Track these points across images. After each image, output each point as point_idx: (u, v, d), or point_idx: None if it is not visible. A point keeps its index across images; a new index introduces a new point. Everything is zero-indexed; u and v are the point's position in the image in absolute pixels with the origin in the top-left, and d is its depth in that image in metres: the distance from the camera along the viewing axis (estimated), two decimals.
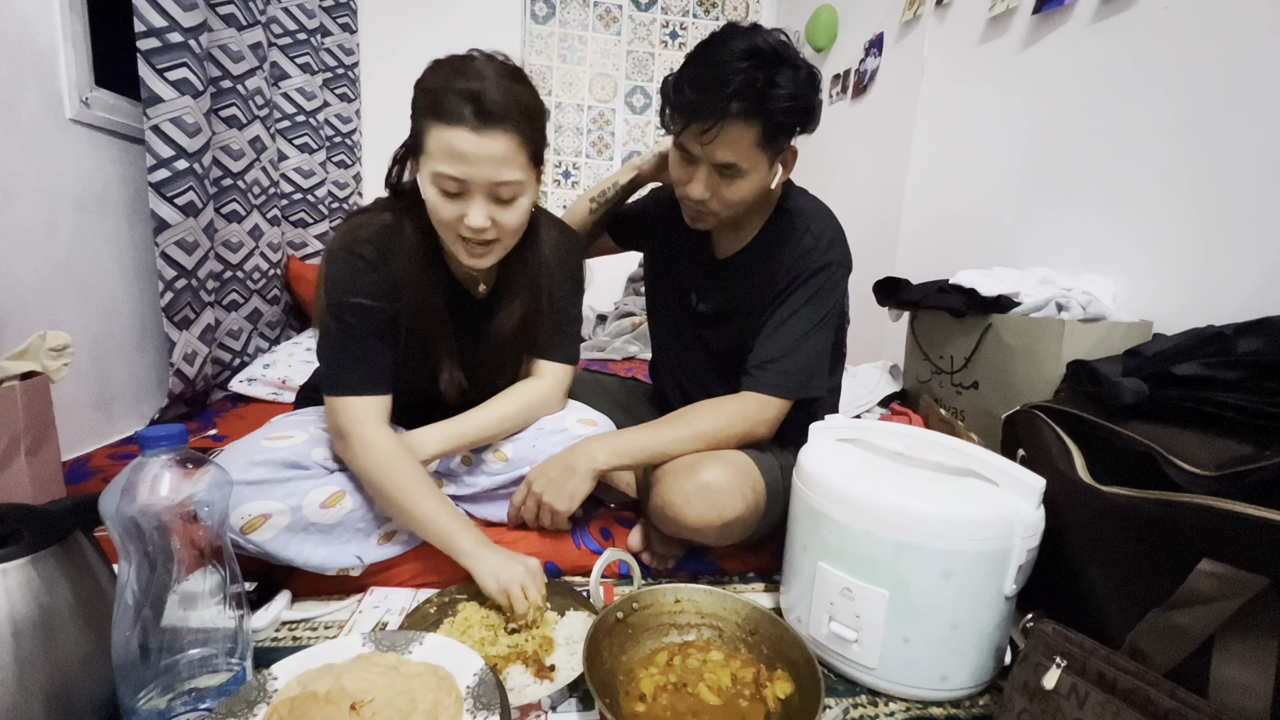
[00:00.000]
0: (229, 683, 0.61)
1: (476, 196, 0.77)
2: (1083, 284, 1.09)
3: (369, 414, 0.84)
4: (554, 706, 0.67)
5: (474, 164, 0.75)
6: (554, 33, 2.87)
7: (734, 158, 0.85)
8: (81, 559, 0.58)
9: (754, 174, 0.88)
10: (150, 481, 0.56)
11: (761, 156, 0.87)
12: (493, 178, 0.76)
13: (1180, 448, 0.65)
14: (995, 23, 1.46)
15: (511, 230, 0.82)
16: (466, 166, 0.75)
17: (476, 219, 0.77)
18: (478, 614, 0.77)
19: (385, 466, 0.82)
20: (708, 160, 0.87)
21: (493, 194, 0.78)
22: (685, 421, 0.94)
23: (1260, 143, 0.90)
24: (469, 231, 0.79)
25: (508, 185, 0.77)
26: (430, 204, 0.79)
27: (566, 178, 3.05)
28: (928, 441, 0.78)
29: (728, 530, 0.87)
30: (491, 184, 0.76)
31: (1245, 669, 0.53)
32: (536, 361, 1.00)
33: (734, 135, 0.84)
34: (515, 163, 0.77)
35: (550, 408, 0.99)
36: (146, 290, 1.50)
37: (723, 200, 0.90)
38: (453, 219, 0.79)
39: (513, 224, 0.81)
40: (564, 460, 0.91)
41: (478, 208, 0.77)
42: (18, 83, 1.16)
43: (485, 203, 0.78)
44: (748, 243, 1.01)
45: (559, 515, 0.92)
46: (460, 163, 0.75)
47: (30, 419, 0.92)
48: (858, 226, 2.01)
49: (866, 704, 0.72)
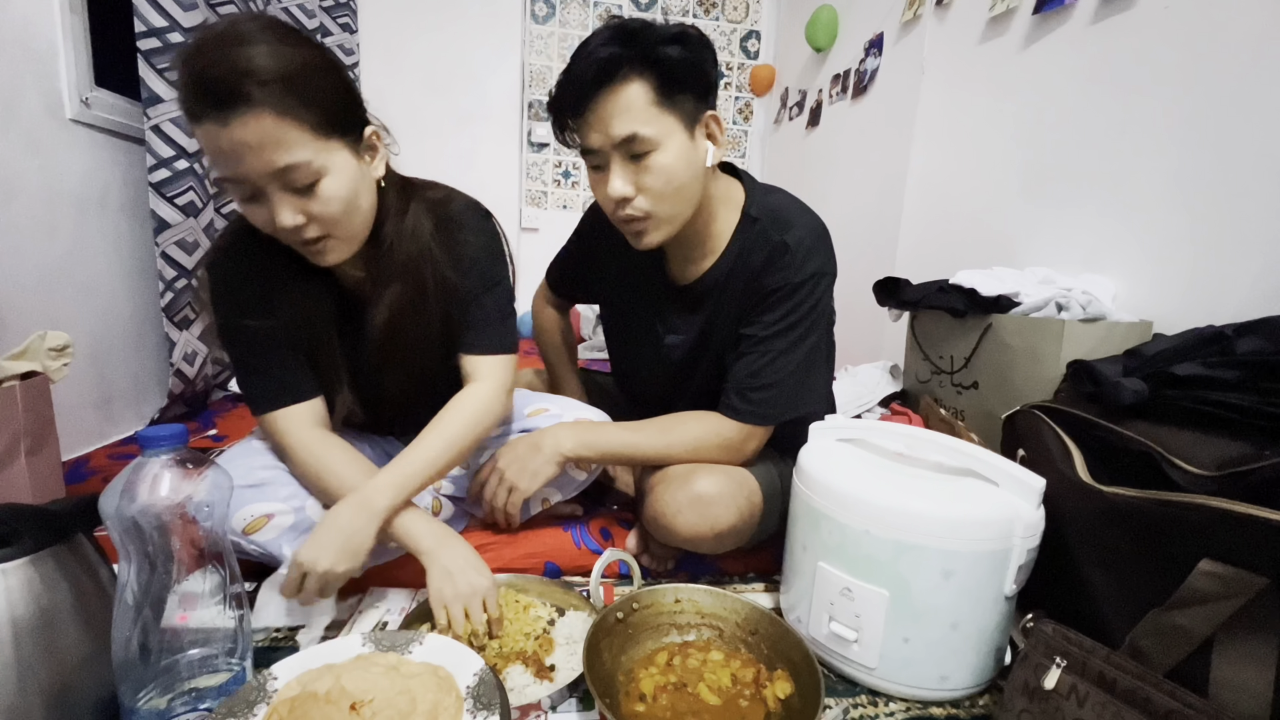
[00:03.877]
0: (229, 683, 0.61)
1: (270, 193, 0.65)
2: (1083, 284, 1.09)
3: (300, 421, 0.79)
4: (554, 706, 0.67)
5: (237, 158, 0.62)
6: (554, 33, 2.87)
7: (633, 125, 0.74)
8: (81, 559, 0.58)
9: (669, 144, 0.76)
10: (150, 481, 0.56)
11: (669, 119, 0.76)
12: (266, 167, 0.63)
13: (1180, 448, 0.65)
14: (995, 23, 1.46)
15: (333, 219, 0.69)
16: (231, 164, 0.63)
17: (285, 218, 0.66)
18: None
19: (322, 464, 0.78)
20: (610, 145, 0.76)
21: (284, 185, 0.65)
22: (662, 430, 0.91)
23: (1260, 143, 0.90)
24: (285, 234, 0.68)
25: (292, 170, 0.64)
26: (243, 214, 0.70)
27: (566, 178, 3.05)
28: (928, 441, 0.78)
29: (721, 541, 0.87)
30: (271, 174, 0.64)
31: (1245, 669, 0.53)
32: (467, 360, 0.86)
33: (622, 100, 0.74)
34: (288, 143, 0.63)
35: (494, 409, 0.85)
36: (146, 290, 1.50)
37: (649, 191, 0.78)
38: (265, 224, 0.68)
39: (329, 212, 0.68)
40: (532, 440, 0.89)
41: (279, 205, 0.66)
42: (18, 83, 1.16)
43: (285, 197, 0.66)
44: (714, 263, 0.90)
45: (517, 493, 0.88)
46: (224, 162, 0.63)
47: (30, 419, 0.92)
48: (858, 226, 2.03)
49: (866, 704, 0.72)
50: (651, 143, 0.76)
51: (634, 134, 0.75)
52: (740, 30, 3.01)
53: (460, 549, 0.76)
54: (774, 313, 0.86)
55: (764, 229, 0.87)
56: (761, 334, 0.87)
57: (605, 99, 0.75)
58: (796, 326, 0.86)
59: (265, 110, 0.61)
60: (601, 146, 0.77)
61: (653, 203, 0.79)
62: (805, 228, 0.86)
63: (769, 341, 0.86)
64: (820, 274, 0.86)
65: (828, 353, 0.97)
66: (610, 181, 0.78)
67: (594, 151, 0.79)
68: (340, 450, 0.80)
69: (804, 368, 0.88)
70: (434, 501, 0.94)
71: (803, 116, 2.55)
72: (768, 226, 0.87)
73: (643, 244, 0.84)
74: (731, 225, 0.90)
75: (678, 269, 0.95)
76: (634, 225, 0.82)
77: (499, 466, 0.90)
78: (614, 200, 0.80)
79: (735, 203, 0.90)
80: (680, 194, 0.80)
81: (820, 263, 0.86)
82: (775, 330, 0.86)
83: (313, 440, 0.80)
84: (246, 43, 0.61)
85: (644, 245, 0.84)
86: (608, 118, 0.75)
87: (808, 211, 0.89)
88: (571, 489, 0.99)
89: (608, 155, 0.78)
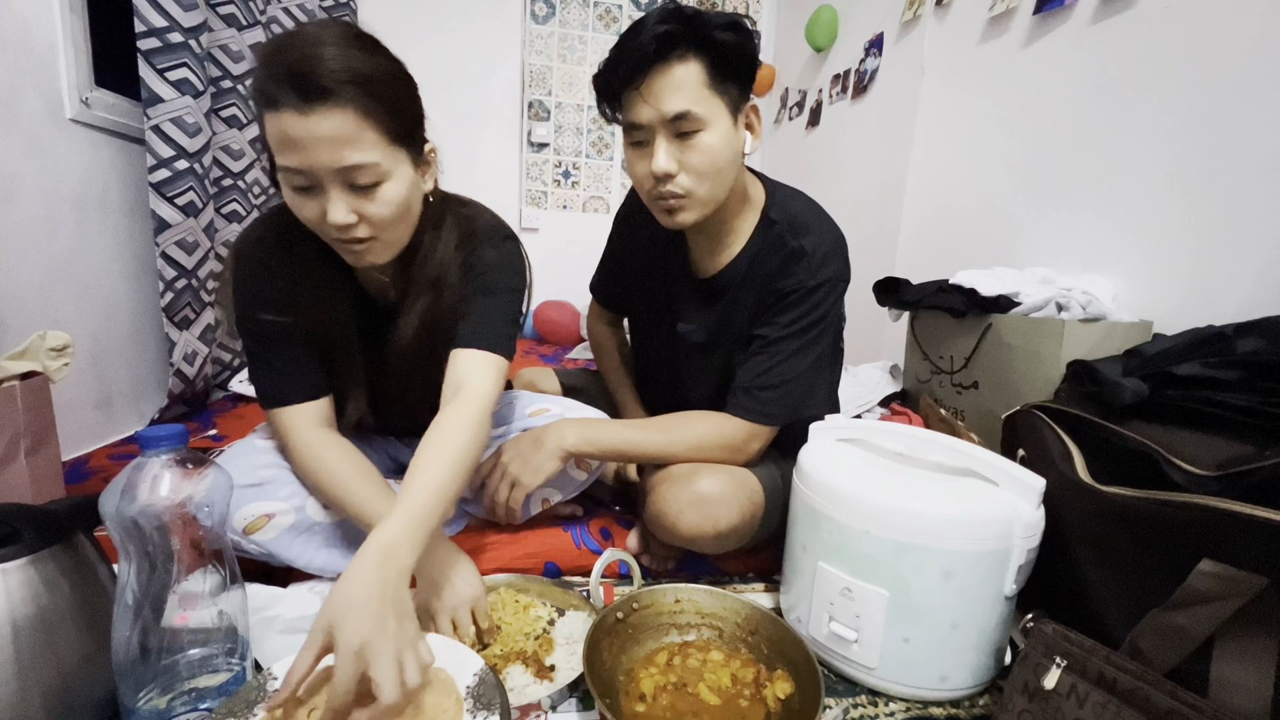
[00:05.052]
0: (229, 683, 0.61)
1: (330, 188, 0.66)
2: (1083, 284, 1.09)
3: (305, 419, 0.80)
4: (554, 706, 0.67)
5: (308, 149, 0.63)
6: (554, 33, 2.87)
7: (686, 103, 0.77)
8: (81, 559, 0.58)
9: (716, 126, 0.79)
10: (150, 481, 0.56)
11: (717, 102, 0.78)
12: (336, 163, 0.64)
13: (1180, 448, 0.65)
14: (995, 23, 1.46)
15: (385, 223, 0.70)
16: (301, 154, 0.64)
17: (336, 214, 0.67)
18: None
19: (322, 464, 0.78)
20: (660, 121, 0.78)
21: (346, 182, 0.67)
22: (664, 429, 0.91)
23: (1260, 143, 0.90)
24: (334, 230, 0.69)
25: (360, 169, 0.66)
26: (291, 206, 0.70)
27: (566, 178, 3.05)
28: (928, 441, 0.78)
29: (722, 540, 0.87)
30: (337, 170, 0.65)
31: (1245, 669, 0.53)
32: (457, 355, 0.80)
33: (677, 77, 0.76)
34: (361, 142, 0.65)
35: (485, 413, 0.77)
36: (146, 290, 1.50)
37: (693, 169, 0.80)
38: (314, 218, 0.69)
39: (383, 215, 0.69)
40: (535, 435, 0.89)
41: (334, 201, 0.66)
42: (18, 83, 1.16)
43: (342, 194, 0.67)
44: (732, 259, 0.92)
45: (520, 489, 0.87)
46: (293, 151, 0.64)
47: (30, 419, 0.92)
48: (858, 226, 2.03)
49: (866, 704, 0.72)
50: (701, 121, 0.78)
51: (686, 111, 0.77)
52: None
53: (445, 555, 0.75)
54: (787, 315, 0.87)
55: (781, 233, 0.89)
56: (773, 335, 0.88)
57: (660, 74, 0.76)
58: (808, 330, 0.88)
59: (348, 107, 0.64)
60: (650, 121, 0.79)
61: (694, 181, 0.81)
62: (822, 234, 0.88)
63: (780, 343, 0.88)
64: (835, 280, 0.88)
65: (835, 357, 0.99)
66: (656, 156, 0.79)
67: (640, 127, 0.80)
68: (341, 450, 0.80)
69: (812, 371, 0.89)
70: None
71: (803, 116, 2.55)
72: (785, 230, 0.89)
73: (675, 221, 0.85)
74: (752, 223, 0.92)
75: (699, 261, 0.97)
76: (669, 202, 0.83)
77: (502, 461, 0.89)
78: (656, 175, 0.80)
79: (756, 202, 0.92)
80: (719, 176, 0.82)
81: (835, 269, 0.88)
82: (787, 333, 0.87)
83: (315, 439, 0.80)
84: (341, 43, 0.64)
85: (675, 224, 0.85)
86: (661, 92, 0.77)
87: (826, 219, 0.91)
88: (572, 489, 0.99)
89: (654, 131, 0.79)
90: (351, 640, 0.50)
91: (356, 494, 0.76)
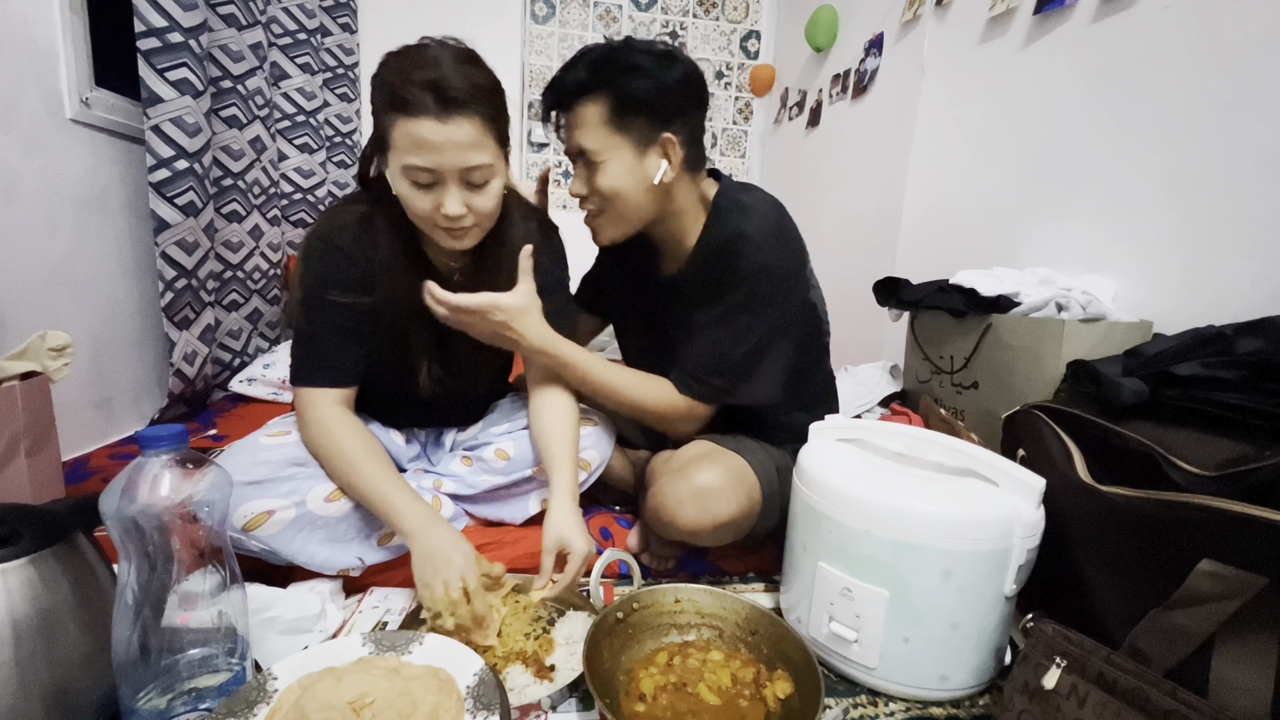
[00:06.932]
0: (229, 683, 0.61)
1: (449, 185, 0.77)
2: (1083, 284, 1.09)
3: (327, 399, 0.85)
4: (554, 706, 0.67)
5: (442, 152, 0.74)
6: (554, 33, 2.87)
7: (584, 141, 0.86)
8: (81, 559, 0.58)
9: (614, 161, 0.86)
10: (150, 481, 0.56)
11: (618, 139, 0.86)
12: (463, 164, 0.76)
13: (1180, 448, 0.65)
14: (995, 23, 1.46)
15: (487, 214, 0.82)
16: (435, 156, 0.74)
17: (453, 207, 0.77)
18: None
19: (334, 439, 0.83)
20: (572, 153, 0.89)
21: (464, 180, 0.77)
22: (617, 374, 0.94)
23: (1260, 143, 0.90)
24: (446, 221, 0.79)
25: (479, 169, 0.77)
26: (403, 198, 0.79)
27: (566, 178, 3.05)
28: (928, 441, 0.78)
29: (721, 533, 0.88)
30: (462, 170, 0.76)
31: (1245, 669, 0.53)
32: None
33: (582, 117, 0.86)
34: (483, 146, 0.77)
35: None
36: (146, 290, 1.50)
37: (597, 192, 0.89)
38: (428, 210, 0.79)
39: (487, 208, 0.81)
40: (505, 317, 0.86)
41: (452, 196, 0.77)
42: (18, 83, 1.16)
43: (459, 190, 0.78)
44: (689, 255, 0.96)
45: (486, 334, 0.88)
46: (429, 153, 0.74)
47: (30, 419, 0.92)
48: (857, 226, 2.03)
49: (866, 704, 0.72)
50: (596, 156, 0.87)
51: (581, 149, 0.87)
52: (740, 30, 3.01)
53: (442, 532, 0.77)
54: (726, 297, 0.89)
55: (725, 218, 0.92)
56: (707, 318, 0.91)
57: (567, 114, 0.89)
58: (743, 312, 0.89)
59: (478, 117, 0.75)
60: (569, 151, 0.91)
61: (598, 204, 0.91)
62: (763, 218, 0.90)
63: (715, 326, 0.90)
64: (774, 267, 0.88)
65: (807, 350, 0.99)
66: (572, 180, 0.92)
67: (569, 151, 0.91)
68: (353, 429, 0.85)
69: (752, 356, 0.90)
70: (434, 500, 0.95)
71: (803, 116, 2.55)
72: (729, 215, 0.92)
73: (597, 239, 0.96)
74: (703, 218, 0.95)
75: (665, 263, 1.01)
76: (588, 221, 0.94)
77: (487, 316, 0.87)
78: (571, 194, 0.93)
79: (700, 193, 0.96)
80: (623, 201, 0.89)
81: (775, 255, 0.89)
82: (721, 314, 0.90)
83: (330, 416, 0.85)
84: (471, 63, 0.78)
85: (598, 241, 0.96)
86: (568, 129, 0.89)
87: (772, 206, 0.92)
88: None
89: (574, 159, 0.91)
90: (582, 548, 0.78)
91: (363, 471, 0.81)
